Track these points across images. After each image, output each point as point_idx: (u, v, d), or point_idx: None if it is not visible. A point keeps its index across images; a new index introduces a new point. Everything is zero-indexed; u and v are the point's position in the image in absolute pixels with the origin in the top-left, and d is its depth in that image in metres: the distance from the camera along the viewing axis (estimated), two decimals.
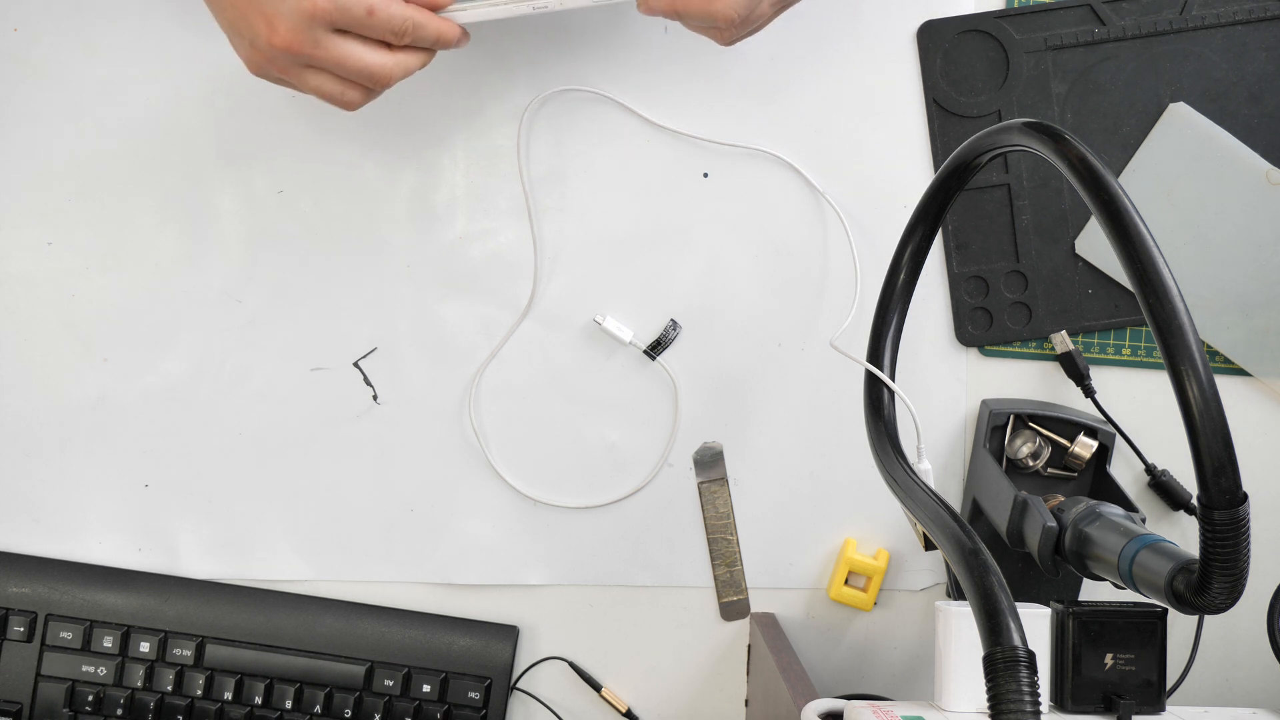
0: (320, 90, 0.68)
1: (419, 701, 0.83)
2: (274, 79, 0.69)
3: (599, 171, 0.83)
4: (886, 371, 0.66)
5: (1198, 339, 0.48)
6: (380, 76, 0.68)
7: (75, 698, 0.83)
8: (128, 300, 0.84)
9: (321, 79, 0.68)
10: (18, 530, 0.84)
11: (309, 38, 0.65)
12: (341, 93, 0.69)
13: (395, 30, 0.66)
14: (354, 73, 0.67)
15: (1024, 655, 0.44)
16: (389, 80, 0.68)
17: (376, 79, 0.68)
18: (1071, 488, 0.80)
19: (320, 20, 0.64)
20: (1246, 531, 0.49)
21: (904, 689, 0.85)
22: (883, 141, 0.83)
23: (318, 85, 0.68)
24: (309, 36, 0.65)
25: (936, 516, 0.53)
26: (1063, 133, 0.54)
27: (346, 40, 0.66)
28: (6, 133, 0.83)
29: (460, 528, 0.84)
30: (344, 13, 0.64)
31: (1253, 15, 0.81)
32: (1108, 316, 0.83)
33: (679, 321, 0.84)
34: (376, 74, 0.68)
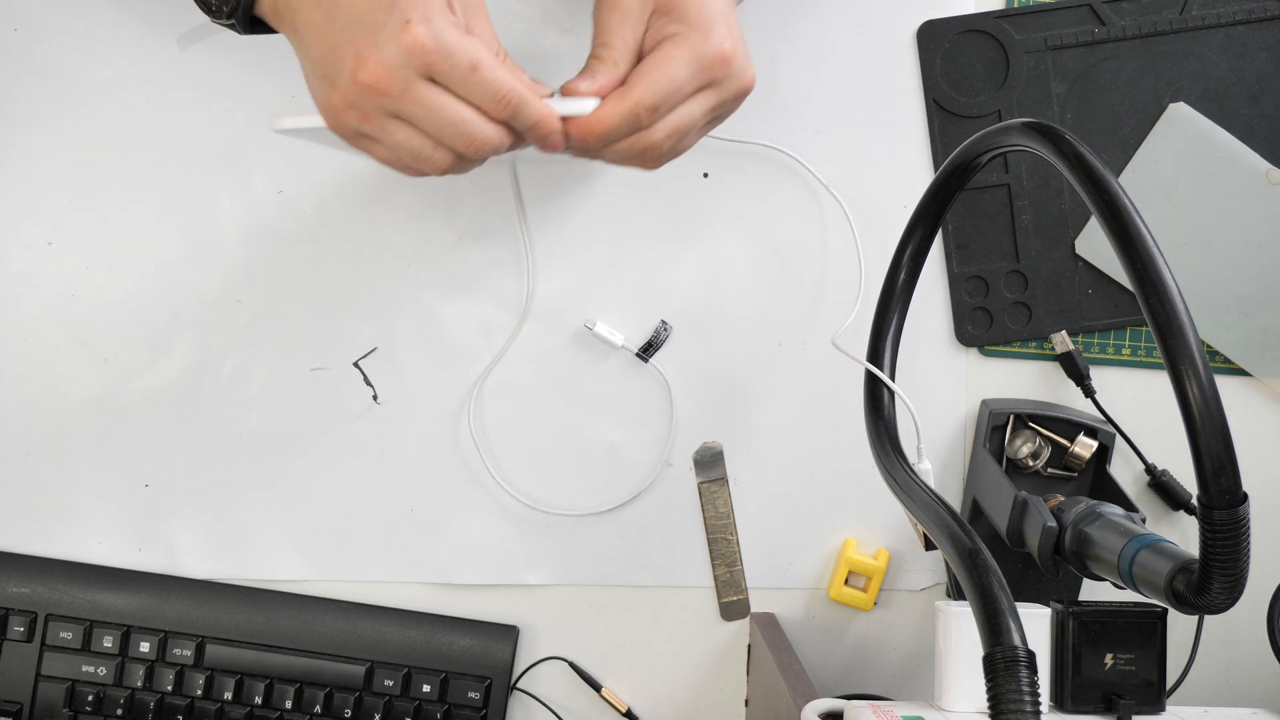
0: (407, 145, 0.60)
1: (419, 701, 0.83)
2: (353, 132, 0.61)
3: (598, 172, 0.83)
4: (886, 371, 0.66)
5: (1198, 339, 0.48)
6: (479, 141, 0.59)
7: (75, 698, 0.83)
8: (128, 300, 0.84)
9: (408, 133, 0.60)
10: (18, 530, 0.84)
11: (400, 78, 0.57)
12: (431, 152, 0.60)
13: (496, 97, 0.58)
14: (448, 128, 0.59)
15: (1024, 655, 0.44)
16: (484, 146, 0.60)
17: (474, 143, 0.60)
18: (1071, 488, 0.80)
19: (417, 61, 0.57)
20: (1246, 531, 0.49)
21: (904, 689, 0.85)
22: (883, 141, 0.83)
23: (405, 139, 0.60)
24: (400, 77, 0.57)
25: (936, 516, 0.53)
26: (1063, 133, 0.54)
27: (441, 91, 0.58)
28: (6, 133, 0.83)
29: (460, 528, 0.84)
30: (446, 58, 0.57)
31: (1253, 15, 0.81)
32: (1108, 316, 0.83)
33: (674, 323, 0.84)
34: (476, 136, 0.59)
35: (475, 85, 0.58)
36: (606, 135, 0.62)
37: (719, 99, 0.63)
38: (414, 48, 0.57)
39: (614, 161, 0.65)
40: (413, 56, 0.57)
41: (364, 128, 0.60)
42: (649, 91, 0.61)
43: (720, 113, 0.65)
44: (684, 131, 0.63)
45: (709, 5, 0.62)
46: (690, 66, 0.61)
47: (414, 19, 0.57)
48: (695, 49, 0.61)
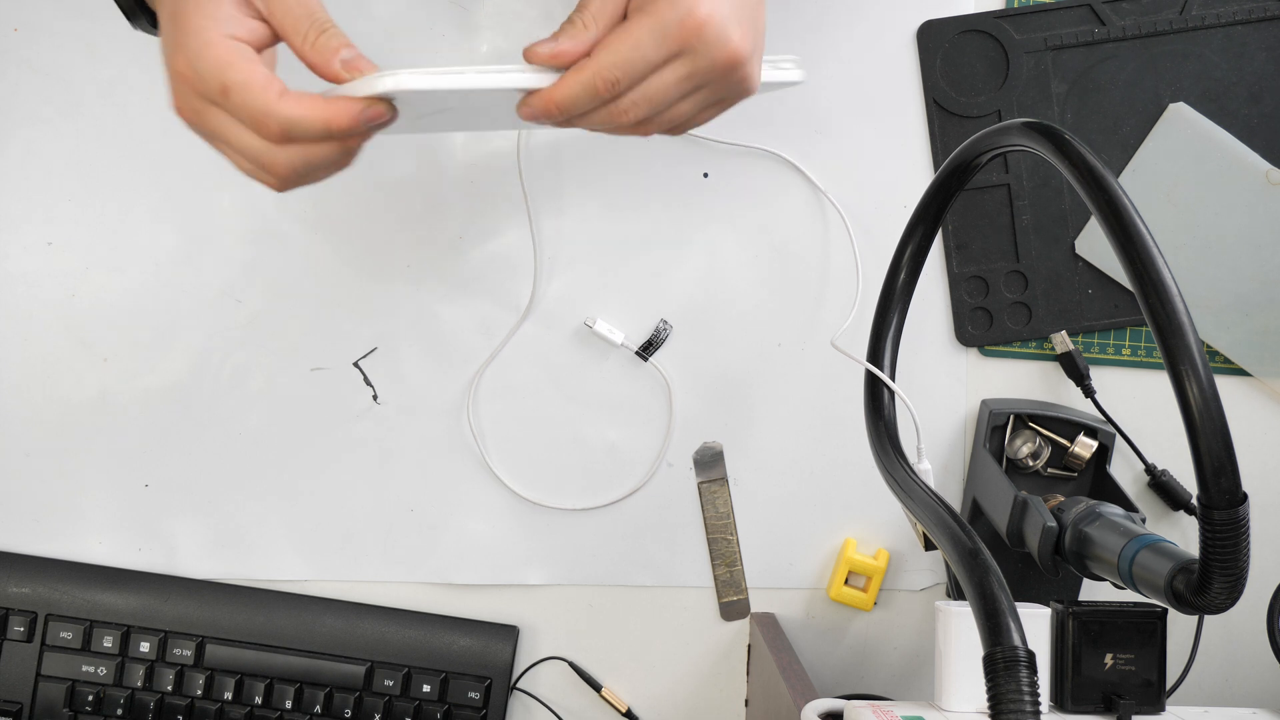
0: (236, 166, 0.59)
1: (419, 701, 0.83)
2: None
3: (599, 171, 0.83)
4: (886, 371, 0.66)
5: (1198, 339, 0.48)
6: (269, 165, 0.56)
7: (75, 698, 0.83)
8: (128, 300, 0.84)
9: (228, 152, 0.58)
10: (18, 530, 0.84)
11: (188, 104, 0.57)
12: (254, 171, 0.58)
13: (253, 121, 0.55)
14: (242, 152, 0.57)
15: (1024, 655, 0.44)
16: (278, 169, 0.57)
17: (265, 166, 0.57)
18: (1071, 488, 0.80)
19: (186, 87, 0.56)
20: (1246, 531, 0.49)
21: (904, 689, 0.85)
22: (883, 141, 0.83)
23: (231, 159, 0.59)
24: (187, 103, 0.57)
25: (936, 516, 0.53)
26: (1063, 133, 0.54)
27: (227, 118, 0.56)
28: (6, 133, 0.83)
29: (460, 528, 0.84)
30: (202, 83, 0.55)
31: (1253, 15, 0.81)
32: (1108, 316, 0.83)
33: (674, 322, 0.84)
34: (263, 161, 0.56)
35: (235, 110, 0.55)
36: (566, 108, 0.59)
37: (691, 68, 0.59)
38: (177, 76, 0.56)
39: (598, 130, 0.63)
40: (182, 84, 0.56)
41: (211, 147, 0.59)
42: (607, 63, 0.58)
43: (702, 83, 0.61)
44: (657, 102, 0.60)
45: None
46: (654, 34, 0.58)
47: (176, 48, 0.56)
48: (660, 16, 0.58)
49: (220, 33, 0.55)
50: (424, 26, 0.82)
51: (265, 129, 0.55)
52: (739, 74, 0.61)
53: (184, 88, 0.56)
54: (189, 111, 0.57)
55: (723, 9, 0.59)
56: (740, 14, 0.60)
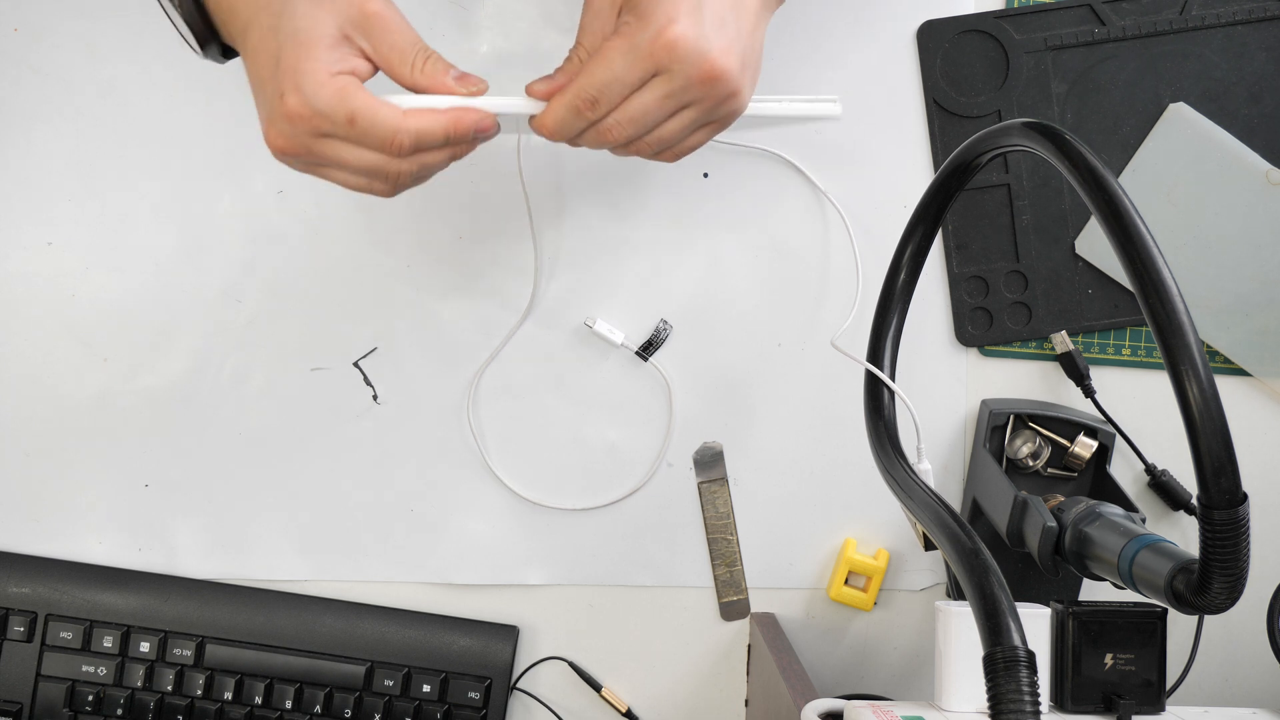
0: (346, 184, 0.63)
1: (419, 701, 0.83)
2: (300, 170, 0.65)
3: (599, 172, 0.83)
4: (886, 371, 0.66)
5: (1198, 339, 0.48)
6: (390, 175, 0.62)
7: (75, 698, 0.83)
8: (128, 300, 0.84)
9: (340, 174, 0.63)
10: (18, 530, 0.84)
11: (299, 143, 0.61)
12: (366, 185, 0.63)
13: (384, 141, 0.60)
14: (361, 172, 0.62)
15: (1024, 655, 0.44)
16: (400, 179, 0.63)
17: (391, 179, 0.62)
18: (1071, 488, 0.80)
19: (302, 126, 0.60)
20: (1246, 531, 0.49)
21: (904, 689, 0.85)
22: (883, 141, 0.83)
23: (342, 179, 0.63)
24: (298, 142, 0.61)
25: (936, 516, 0.53)
26: (1063, 133, 0.54)
27: (342, 144, 0.61)
28: (6, 133, 0.83)
29: (460, 528, 0.84)
30: (324, 120, 0.59)
31: (1253, 15, 0.81)
32: (1108, 316, 0.83)
33: (674, 322, 0.84)
34: (388, 174, 0.62)
35: (360, 136, 0.60)
36: (557, 130, 0.63)
37: (669, 86, 0.61)
38: (292, 117, 0.60)
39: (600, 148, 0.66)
40: (297, 124, 0.60)
41: (306, 172, 0.64)
42: (584, 85, 0.61)
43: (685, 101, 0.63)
44: (640, 121, 0.63)
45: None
46: (626, 57, 0.60)
47: (286, 91, 0.59)
48: (631, 38, 0.60)
49: (329, 71, 0.59)
50: (424, 26, 0.82)
51: (396, 145, 0.60)
52: (720, 90, 0.62)
53: (297, 126, 0.60)
54: (298, 147, 0.61)
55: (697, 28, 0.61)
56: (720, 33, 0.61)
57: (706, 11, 0.61)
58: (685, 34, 0.60)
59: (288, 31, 0.59)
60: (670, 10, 0.60)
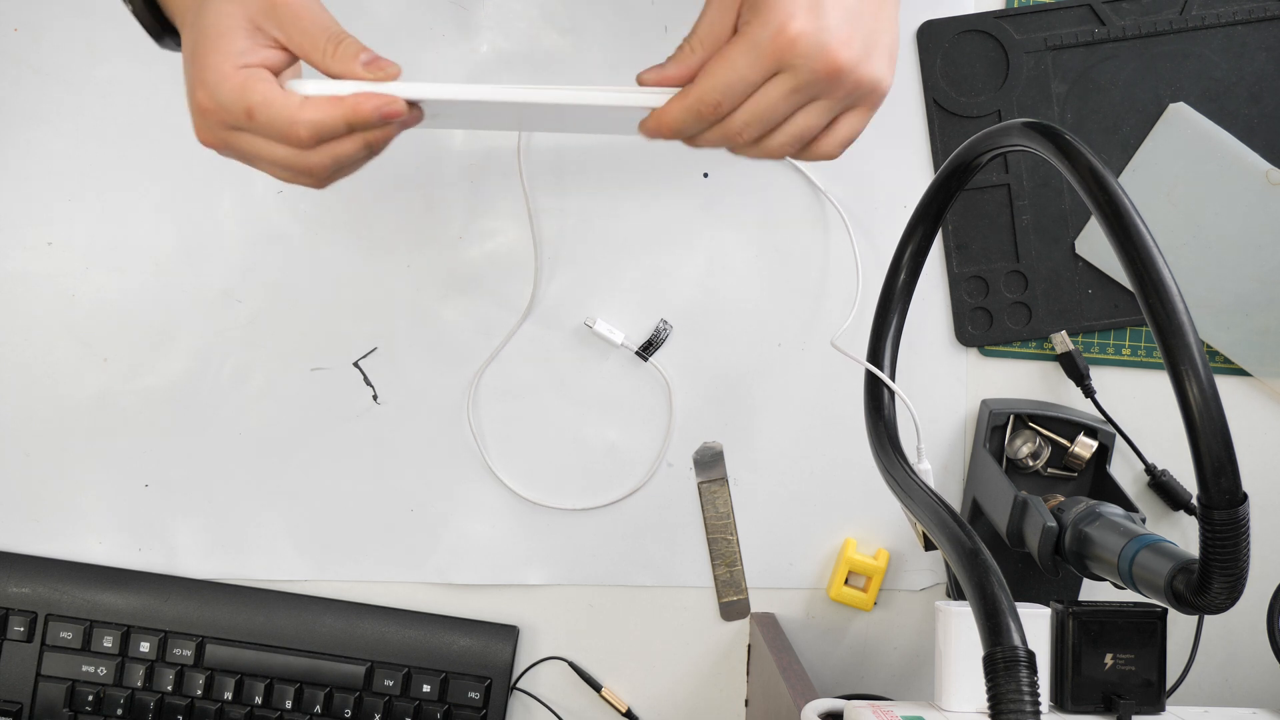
0: (273, 175, 0.62)
1: (419, 701, 0.83)
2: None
3: (599, 171, 0.83)
4: (887, 371, 0.66)
5: (1198, 339, 0.48)
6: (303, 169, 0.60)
7: (75, 698, 0.83)
8: (128, 300, 0.84)
9: (263, 166, 0.62)
10: (18, 530, 0.84)
11: (214, 135, 0.60)
12: (291, 177, 0.62)
13: (282, 134, 0.59)
14: (276, 165, 0.61)
15: (1024, 655, 0.44)
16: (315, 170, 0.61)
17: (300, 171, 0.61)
18: (1071, 488, 0.80)
19: (211, 118, 0.59)
20: (1246, 531, 0.49)
21: (904, 689, 0.85)
22: (883, 141, 0.83)
23: (268, 171, 0.62)
24: (214, 134, 0.60)
25: (936, 516, 0.53)
26: (1063, 133, 0.54)
27: (253, 138, 0.60)
28: (6, 133, 0.83)
29: (460, 528, 0.84)
30: (227, 113, 0.59)
31: (1253, 15, 0.81)
32: (1108, 316, 0.83)
33: (674, 321, 0.84)
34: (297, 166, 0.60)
35: (261, 128, 0.59)
36: (676, 130, 0.63)
37: (795, 82, 0.61)
38: (201, 110, 0.60)
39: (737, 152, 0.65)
40: (208, 118, 0.60)
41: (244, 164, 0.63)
42: (708, 87, 0.61)
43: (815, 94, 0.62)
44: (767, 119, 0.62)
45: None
46: (747, 55, 0.60)
47: (195, 85, 0.59)
48: (753, 37, 0.60)
49: (234, 64, 0.59)
50: (424, 26, 0.82)
51: (295, 137, 0.59)
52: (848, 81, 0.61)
53: (208, 120, 0.60)
54: (215, 141, 0.61)
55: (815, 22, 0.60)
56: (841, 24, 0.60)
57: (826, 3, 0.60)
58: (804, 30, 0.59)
59: (200, 26, 0.59)
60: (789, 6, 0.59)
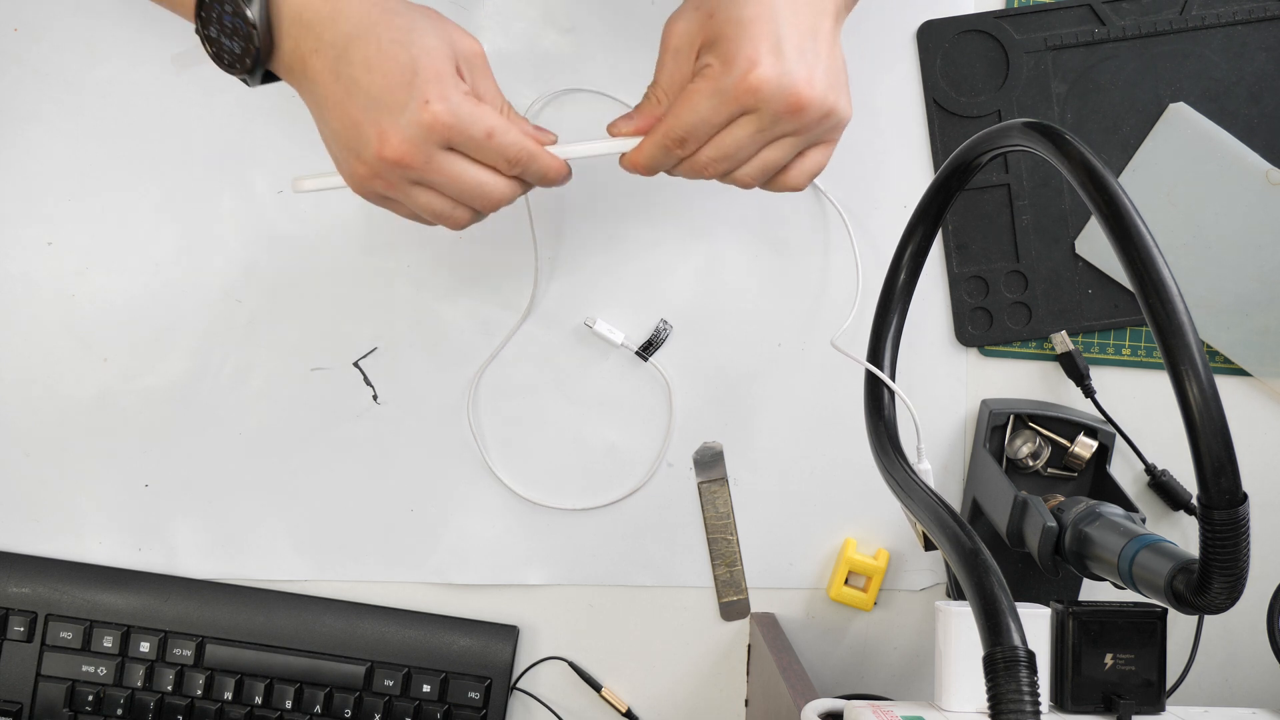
0: (430, 208, 0.65)
1: (419, 701, 0.83)
2: (377, 196, 0.66)
3: (600, 172, 0.83)
4: (887, 371, 0.66)
5: (1198, 339, 0.48)
6: (495, 198, 0.65)
7: (75, 698, 0.83)
8: (128, 300, 0.84)
9: (431, 197, 0.65)
10: (18, 530, 0.84)
11: (422, 153, 0.62)
12: (451, 211, 0.65)
13: (510, 158, 0.63)
14: (467, 192, 0.64)
15: (1024, 655, 0.44)
16: (500, 203, 0.66)
17: (491, 201, 0.65)
18: (1071, 488, 0.80)
19: (437, 135, 0.61)
20: (1246, 531, 0.49)
21: (904, 689, 0.85)
22: (883, 141, 0.83)
23: (427, 203, 0.65)
24: (422, 151, 0.62)
25: (936, 516, 0.53)
26: (1063, 133, 0.54)
27: (460, 158, 0.63)
28: (6, 133, 0.83)
29: (460, 528, 0.84)
30: (463, 130, 0.62)
31: (1253, 15, 0.81)
32: (1108, 316, 0.83)
33: (674, 321, 0.84)
34: (492, 195, 0.65)
35: (491, 150, 0.63)
36: (649, 166, 0.67)
37: (760, 123, 0.64)
38: (434, 125, 0.61)
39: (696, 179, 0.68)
40: (434, 132, 0.61)
41: (389, 194, 0.65)
42: (674, 126, 0.65)
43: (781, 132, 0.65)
44: (734, 156, 0.65)
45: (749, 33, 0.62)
46: (712, 100, 0.63)
47: (432, 98, 0.61)
48: (716, 82, 0.63)
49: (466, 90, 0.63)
50: None
51: (517, 162, 0.64)
52: (811, 116, 0.64)
53: (431, 135, 0.61)
54: (419, 157, 0.62)
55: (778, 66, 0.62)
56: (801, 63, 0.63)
57: (786, 46, 0.63)
58: (767, 76, 0.62)
59: (422, 46, 0.61)
60: (751, 53, 0.62)
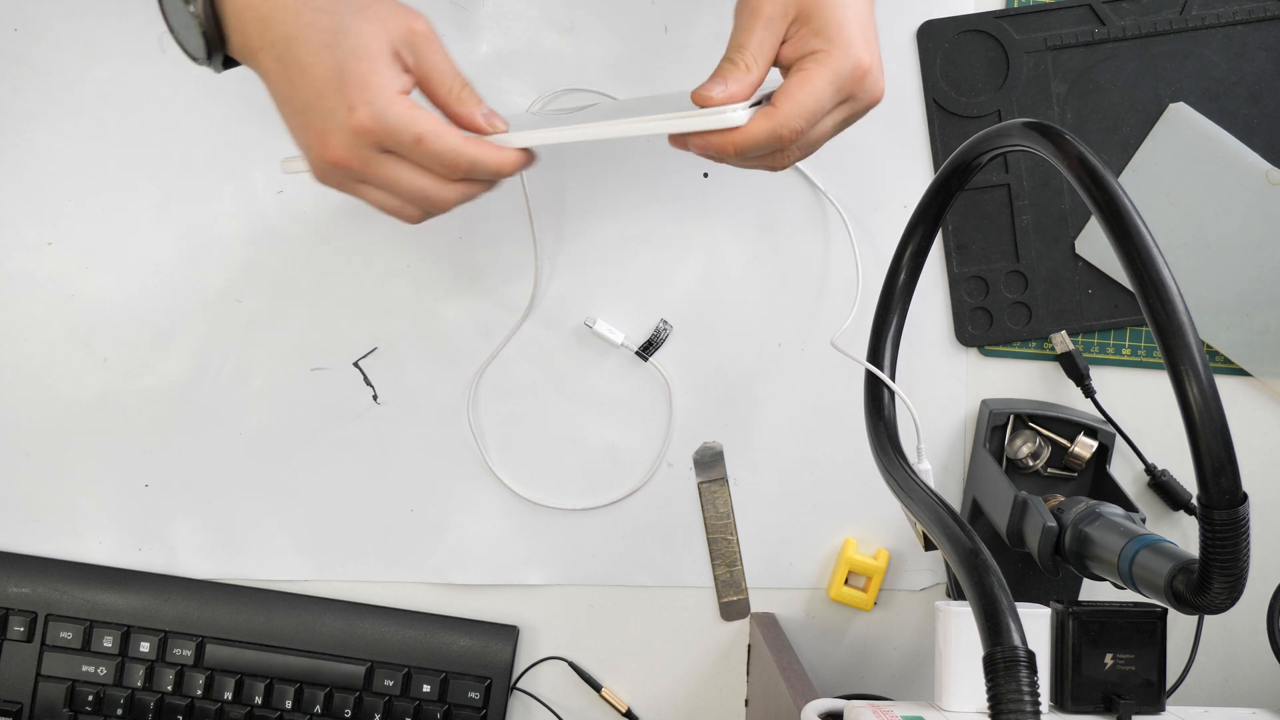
0: (379, 204, 0.65)
1: (419, 701, 0.83)
2: (336, 188, 0.66)
3: (599, 171, 0.83)
4: (887, 371, 0.66)
5: (1198, 339, 0.48)
6: (436, 203, 0.64)
7: (75, 698, 0.83)
8: (128, 300, 0.84)
9: (378, 194, 0.64)
10: (18, 530, 0.84)
11: (358, 156, 0.61)
12: (400, 208, 0.65)
13: (445, 164, 0.62)
14: (407, 194, 0.64)
15: (1024, 655, 0.44)
16: (445, 207, 0.65)
17: (432, 205, 0.64)
18: (1071, 488, 0.80)
19: (366, 140, 0.61)
20: (1246, 531, 0.49)
21: (904, 689, 0.85)
22: (883, 141, 0.83)
23: (376, 199, 0.65)
24: (358, 155, 0.61)
25: (936, 516, 0.53)
26: (1063, 133, 0.54)
27: (398, 163, 0.62)
28: (6, 133, 0.83)
29: (460, 528, 0.84)
30: (391, 136, 0.61)
31: (1253, 15, 0.81)
32: (1108, 316, 0.83)
33: (674, 322, 0.84)
34: (432, 200, 0.64)
35: (423, 156, 0.61)
36: (748, 151, 0.64)
37: (852, 111, 0.64)
38: (360, 131, 0.60)
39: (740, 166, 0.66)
40: (361, 138, 0.60)
41: (345, 190, 0.64)
42: (795, 114, 0.62)
43: (850, 123, 0.65)
44: (815, 146, 0.65)
45: (849, 17, 0.62)
46: (832, 85, 0.62)
47: (357, 104, 0.60)
48: (837, 67, 0.61)
49: (396, 89, 0.61)
50: None
51: (454, 169, 0.62)
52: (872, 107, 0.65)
53: (361, 140, 0.61)
54: (357, 162, 0.61)
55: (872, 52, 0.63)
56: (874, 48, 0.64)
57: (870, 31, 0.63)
58: (874, 60, 0.62)
59: (348, 47, 0.60)
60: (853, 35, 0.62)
